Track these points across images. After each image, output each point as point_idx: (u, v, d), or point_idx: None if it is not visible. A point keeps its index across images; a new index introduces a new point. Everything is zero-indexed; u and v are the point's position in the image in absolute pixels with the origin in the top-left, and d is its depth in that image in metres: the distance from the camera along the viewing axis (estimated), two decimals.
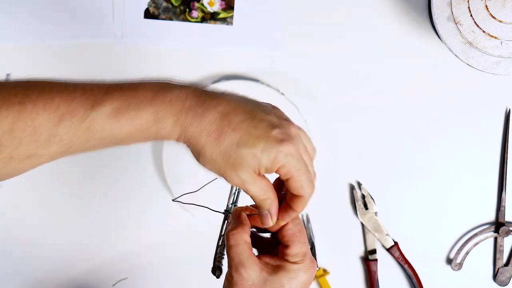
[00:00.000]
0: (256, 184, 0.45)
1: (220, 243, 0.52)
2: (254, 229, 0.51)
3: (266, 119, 0.44)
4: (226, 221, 0.53)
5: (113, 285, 0.78)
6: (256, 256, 0.49)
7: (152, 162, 0.78)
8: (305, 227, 0.75)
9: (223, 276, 0.50)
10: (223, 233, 0.52)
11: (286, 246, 0.48)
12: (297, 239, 0.48)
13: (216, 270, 0.50)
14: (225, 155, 0.43)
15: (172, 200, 0.51)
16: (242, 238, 0.48)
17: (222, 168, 0.44)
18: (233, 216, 0.50)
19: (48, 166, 0.79)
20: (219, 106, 0.43)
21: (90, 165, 0.78)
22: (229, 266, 0.48)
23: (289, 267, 0.48)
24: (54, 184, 0.78)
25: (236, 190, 0.55)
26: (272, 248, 0.51)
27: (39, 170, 0.79)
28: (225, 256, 0.51)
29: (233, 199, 0.55)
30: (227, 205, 0.54)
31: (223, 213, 0.54)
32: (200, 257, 0.78)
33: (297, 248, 0.48)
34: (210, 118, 0.43)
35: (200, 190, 0.55)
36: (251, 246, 0.49)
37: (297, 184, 0.45)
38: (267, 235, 0.52)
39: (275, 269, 0.48)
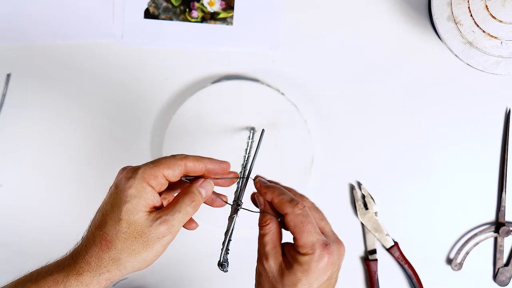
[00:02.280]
0: None
1: (227, 238, 0.52)
2: None
3: None
4: (235, 216, 0.53)
5: (114, 285, 0.78)
6: (284, 244, 0.50)
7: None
8: None
9: (229, 270, 0.51)
10: (232, 227, 0.52)
11: (294, 238, 0.48)
12: (300, 230, 0.48)
13: (223, 264, 0.51)
14: None
15: (182, 178, 0.52)
16: (271, 228, 0.50)
17: None
18: (260, 205, 0.52)
19: (47, 167, 0.80)
20: None
21: (89, 165, 0.78)
22: (258, 256, 0.51)
23: (301, 259, 0.48)
24: (53, 184, 0.78)
25: (242, 185, 0.56)
26: None
27: (39, 171, 0.79)
28: (230, 251, 0.52)
29: (242, 193, 0.55)
30: (235, 198, 0.55)
31: (233, 206, 0.54)
32: (200, 257, 0.78)
33: (302, 239, 0.48)
34: None
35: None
36: (279, 235, 0.50)
37: None
38: None
39: (291, 262, 0.48)
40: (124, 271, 0.49)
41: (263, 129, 0.63)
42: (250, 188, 0.55)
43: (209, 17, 0.76)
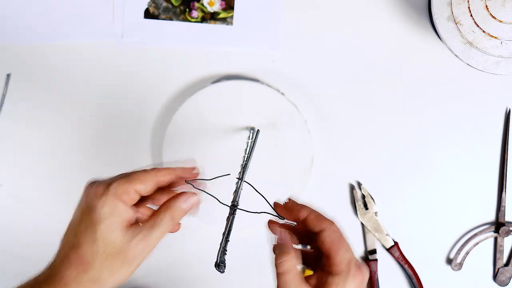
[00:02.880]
0: None
1: (224, 239, 0.52)
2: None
3: None
4: (232, 216, 0.53)
5: None
6: (306, 277, 0.47)
7: (153, 162, 0.78)
8: None
9: (226, 271, 0.51)
10: (229, 228, 0.52)
11: (328, 256, 0.46)
12: (338, 246, 0.46)
13: (220, 265, 0.51)
14: None
15: (186, 181, 0.52)
16: (292, 265, 0.46)
17: None
18: (280, 239, 0.49)
19: (47, 167, 0.79)
20: None
21: (89, 166, 0.78)
22: None
23: (335, 280, 0.45)
24: (54, 185, 0.78)
25: (240, 187, 0.56)
26: (317, 260, 0.49)
27: (39, 171, 0.79)
28: (227, 252, 0.52)
29: (239, 194, 0.55)
30: (234, 200, 0.55)
31: (230, 206, 0.54)
32: (200, 257, 0.78)
33: (339, 256, 0.46)
34: None
35: (203, 187, 0.55)
36: (301, 272, 0.47)
37: None
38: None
39: (323, 286, 0.46)
40: None
41: (258, 129, 0.63)
42: (248, 189, 0.55)
43: (209, 17, 0.76)
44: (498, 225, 0.77)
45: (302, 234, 0.50)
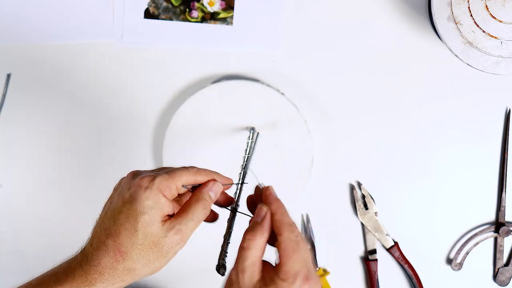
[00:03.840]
0: None
1: (225, 241, 0.52)
2: None
3: None
4: (233, 219, 0.53)
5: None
6: (264, 262, 0.48)
7: (153, 162, 0.78)
8: (305, 229, 0.75)
9: (227, 274, 0.50)
10: (229, 230, 0.52)
11: (280, 261, 0.47)
12: (288, 256, 0.46)
13: (221, 267, 0.51)
14: None
15: (182, 186, 0.52)
16: (257, 245, 0.48)
17: None
18: (258, 216, 0.50)
19: (48, 167, 0.79)
20: None
21: (91, 166, 0.78)
22: (234, 265, 0.48)
23: (279, 284, 0.46)
24: (54, 184, 0.78)
25: (241, 189, 0.56)
26: None
27: (39, 171, 0.79)
28: (228, 255, 0.52)
29: (239, 195, 0.55)
30: (234, 203, 0.55)
31: (230, 209, 0.54)
32: (201, 257, 0.78)
33: (287, 265, 0.46)
34: None
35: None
36: (262, 252, 0.48)
37: None
38: None
39: (268, 283, 0.46)
40: (137, 279, 0.49)
41: (258, 132, 0.63)
42: (248, 190, 0.55)
43: (209, 17, 0.76)
44: (498, 225, 0.77)
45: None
